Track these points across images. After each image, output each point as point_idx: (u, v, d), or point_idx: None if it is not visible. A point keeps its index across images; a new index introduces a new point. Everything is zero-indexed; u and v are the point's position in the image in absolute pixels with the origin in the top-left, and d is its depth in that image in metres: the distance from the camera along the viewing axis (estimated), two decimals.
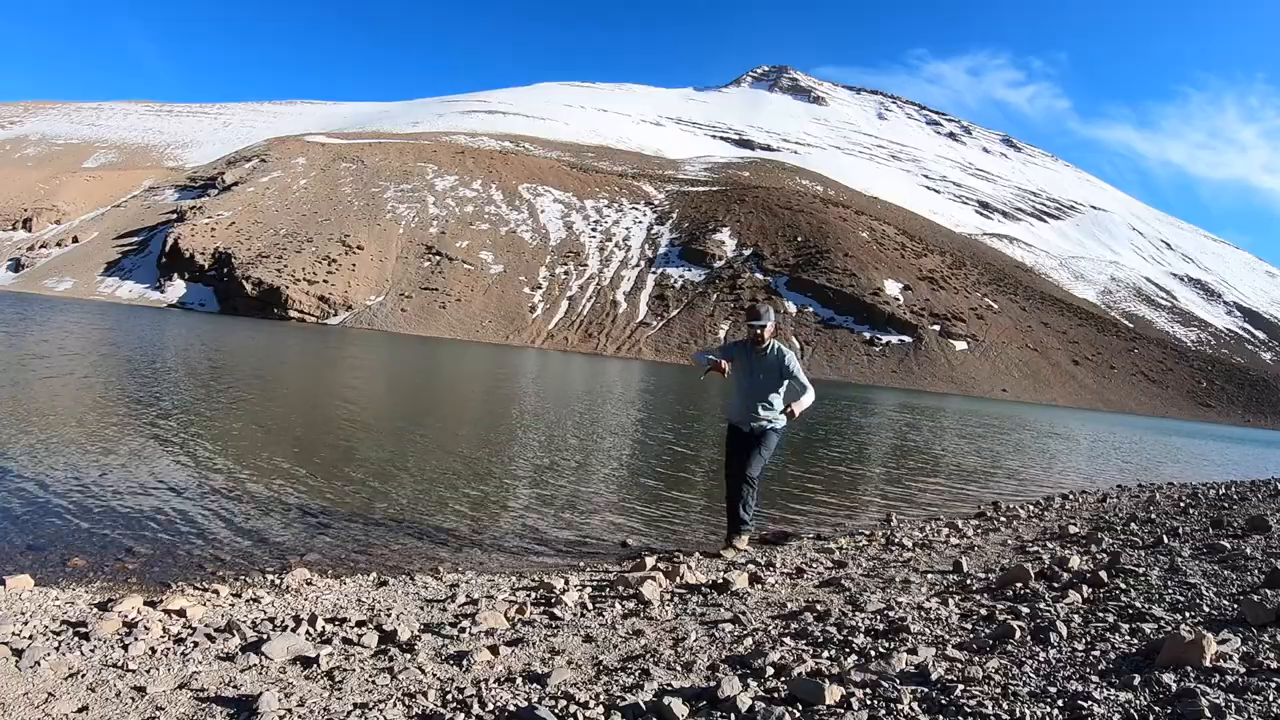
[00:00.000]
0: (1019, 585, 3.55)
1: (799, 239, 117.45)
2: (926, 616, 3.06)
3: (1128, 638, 2.52)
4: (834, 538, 6.02)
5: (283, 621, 3.00)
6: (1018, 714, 1.89)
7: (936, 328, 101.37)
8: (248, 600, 3.41)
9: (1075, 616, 2.85)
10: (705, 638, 2.93)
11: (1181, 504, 8.25)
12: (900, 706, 1.99)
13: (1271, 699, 1.86)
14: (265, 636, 2.74)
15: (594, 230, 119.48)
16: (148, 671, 2.31)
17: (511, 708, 2.16)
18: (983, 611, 3.10)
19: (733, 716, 2.01)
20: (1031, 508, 8.18)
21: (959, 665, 2.31)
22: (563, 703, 2.17)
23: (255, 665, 2.46)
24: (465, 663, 2.56)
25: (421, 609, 3.44)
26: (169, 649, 2.54)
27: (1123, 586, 3.36)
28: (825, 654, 2.58)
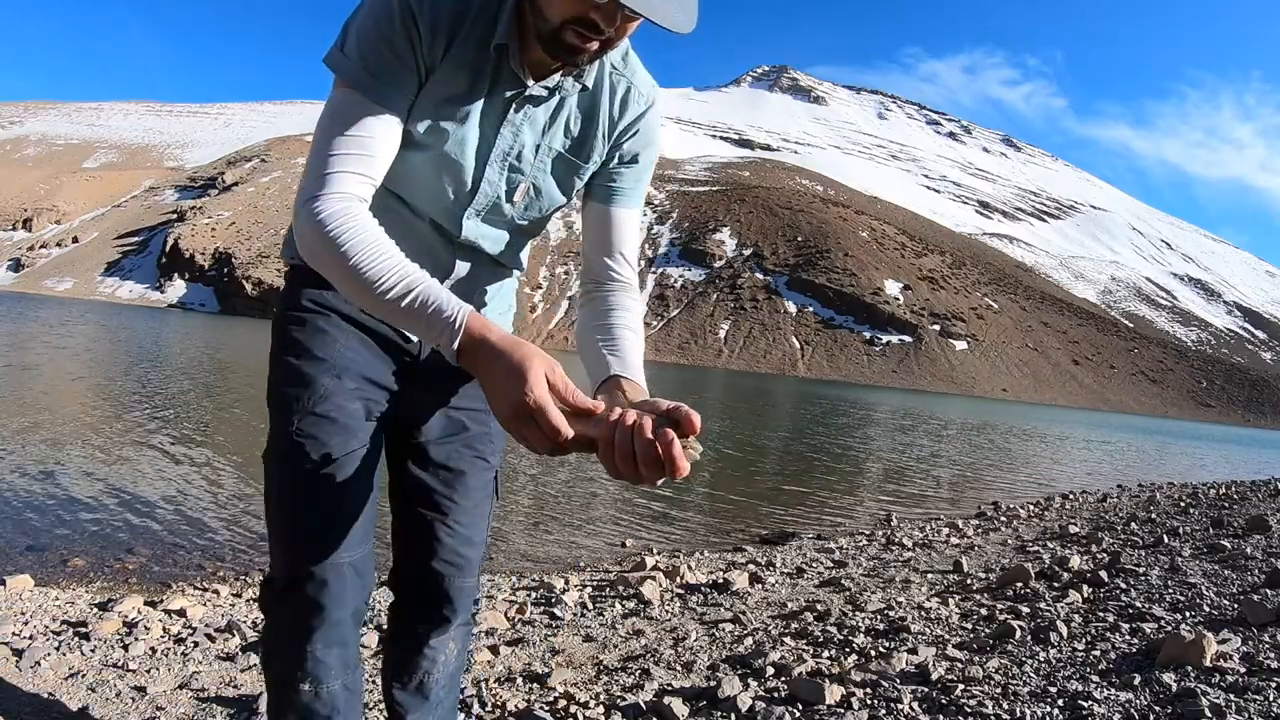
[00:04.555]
0: (1019, 585, 3.55)
1: (799, 239, 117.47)
2: (926, 616, 3.07)
3: (1128, 638, 2.52)
4: (834, 538, 6.02)
5: None
6: (1018, 714, 1.89)
7: (936, 327, 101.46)
8: (248, 600, 3.41)
9: (1075, 616, 2.85)
10: (705, 637, 2.93)
11: (1181, 504, 8.24)
12: (900, 706, 1.99)
13: (1272, 699, 1.86)
14: None
15: None
16: (148, 671, 2.31)
17: (512, 707, 2.16)
18: (983, 611, 3.10)
19: (733, 716, 2.01)
20: (1031, 508, 8.19)
21: (959, 665, 2.31)
22: (563, 703, 2.17)
23: (256, 665, 2.46)
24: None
25: None
26: (169, 649, 2.54)
27: (1123, 586, 3.36)
28: (825, 654, 2.58)
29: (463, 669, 1.41)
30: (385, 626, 1.38)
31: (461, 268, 1.22)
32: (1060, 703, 1.94)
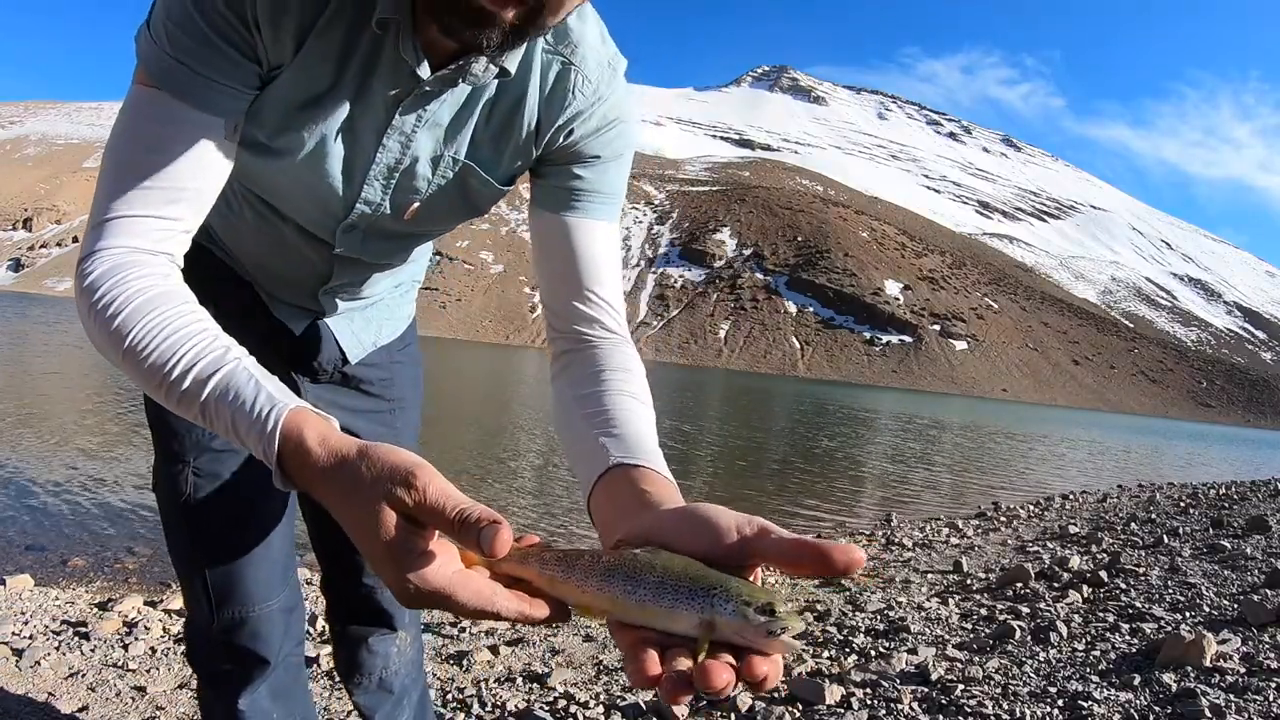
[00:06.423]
0: (1019, 585, 3.55)
1: (799, 239, 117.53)
2: (926, 616, 3.07)
3: (1128, 638, 2.52)
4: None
5: None
6: (1018, 714, 1.89)
7: (936, 328, 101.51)
8: None
9: (1075, 616, 2.85)
10: None
11: (1181, 504, 8.24)
12: (900, 706, 1.99)
13: (1271, 699, 1.86)
14: None
15: None
16: (148, 671, 2.31)
17: (512, 707, 2.16)
18: (983, 611, 3.10)
19: (733, 716, 2.01)
20: (1031, 508, 8.19)
21: (959, 665, 2.31)
22: (563, 703, 2.17)
23: None
24: (465, 663, 2.56)
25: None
26: (169, 649, 2.54)
27: (1123, 586, 3.36)
28: (825, 654, 2.59)
29: (422, 651, 1.33)
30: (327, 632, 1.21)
31: (344, 273, 0.97)
32: (1060, 703, 1.94)
